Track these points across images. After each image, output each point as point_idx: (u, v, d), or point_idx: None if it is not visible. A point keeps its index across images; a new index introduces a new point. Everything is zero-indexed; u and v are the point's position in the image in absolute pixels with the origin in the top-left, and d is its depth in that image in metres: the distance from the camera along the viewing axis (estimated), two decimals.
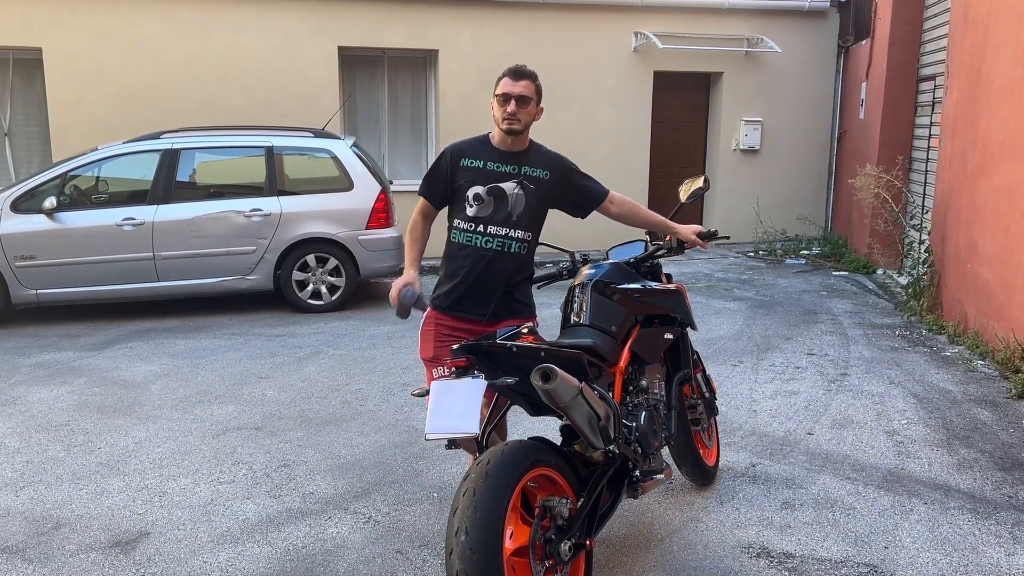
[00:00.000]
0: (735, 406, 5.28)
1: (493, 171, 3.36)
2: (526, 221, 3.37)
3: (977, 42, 6.85)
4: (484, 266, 3.33)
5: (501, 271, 3.34)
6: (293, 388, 5.76)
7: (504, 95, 3.29)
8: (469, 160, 3.37)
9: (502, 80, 3.33)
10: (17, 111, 10.39)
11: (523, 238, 3.37)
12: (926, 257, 7.70)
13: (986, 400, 5.35)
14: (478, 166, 3.36)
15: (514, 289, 3.39)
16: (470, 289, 3.35)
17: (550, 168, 3.43)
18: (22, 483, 4.27)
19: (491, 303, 3.35)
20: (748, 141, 11.79)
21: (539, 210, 3.42)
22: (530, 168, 3.38)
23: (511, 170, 3.36)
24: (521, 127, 3.32)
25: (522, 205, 3.36)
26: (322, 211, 8.08)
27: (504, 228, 3.33)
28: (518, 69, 3.34)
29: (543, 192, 3.40)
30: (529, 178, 3.37)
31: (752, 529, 3.71)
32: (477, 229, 3.34)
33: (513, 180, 3.35)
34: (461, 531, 2.44)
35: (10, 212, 7.53)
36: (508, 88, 3.30)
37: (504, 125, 3.31)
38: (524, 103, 3.30)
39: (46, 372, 6.19)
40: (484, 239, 3.33)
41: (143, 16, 10.01)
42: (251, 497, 4.09)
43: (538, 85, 3.36)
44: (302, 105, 10.31)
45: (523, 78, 3.32)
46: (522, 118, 3.31)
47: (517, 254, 3.37)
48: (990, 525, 3.72)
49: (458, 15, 10.84)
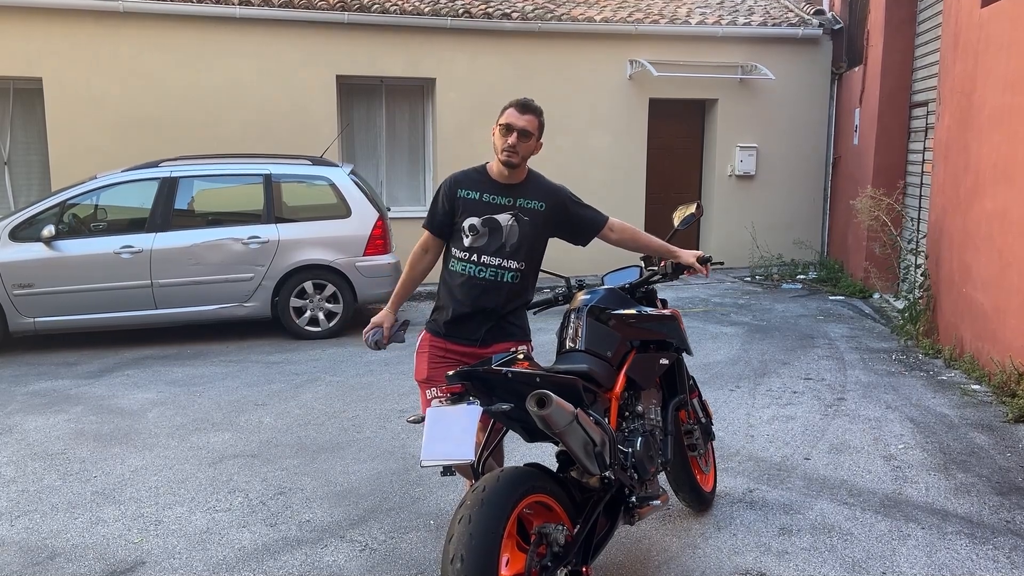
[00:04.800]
0: (732, 431, 5.28)
1: (489, 203, 3.40)
2: (521, 252, 3.40)
3: (968, 69, 6.94)
4: (478, 295, 3.36)
5: (495, 300, 3.38)
6: (290, 415, 5.76)
7: (507, 126, 3.33)
8: (466, 192, 3.41)
9: (507, 111, 3.37)
10: (17, 140, 10.45)
11: (517, 268, 3.40)
12: (922, 281, 7.73)
13: (983, 424, 5.35)
14: (475, 198, 3.40)
15: (509, 315, 3.42)
16: (464, 316, 3.38)
17: (546, 199, 3.46)
18: (17, 512, 4.25)
19: (483, 329, 3.38)
20: (743, 167, 11.87)
21: (535, 241, 3.45)
22: (525, 200, 3.42)
23: (507, 202, 3.40)
24: (519, 160, 3.36)
25: (516, 236, 3.39)
26: (320, 238, 8.12)
27: (498, 258, 3.37)
28: (525, 103, 3.38)
29: (539, 223, 3.43)
30: (524, 210, 3.41)
31: (750, 555, 3.69)
32: (471, 259, 3.38)
33: (508, 212, 3.39)
34: (457, 558, 2.44)
35: (9, 240, 7.55)
36: (512, 120, 3.34)
37: (503, 156, 3.34)
38: (525, 137, 3.33)
39: (43, 400, 6.18)
40: (478, 268, 3.37)
41: (142, 46, 10.10)
42: (247, 525, 4.07)
43: (541, 121, 3.41)
44: (300, 133, 10.38)
45: (528, 112, 3.36)
46: (521, 151, 3.34)
47: (511, 283, 3.40)
48: (988, 550, 3.71)
49: (455, 44, 10.96)
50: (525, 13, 11.12)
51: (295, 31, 10.50)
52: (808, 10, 12.11)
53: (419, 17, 10.71)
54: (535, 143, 3.40)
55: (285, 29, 10.46)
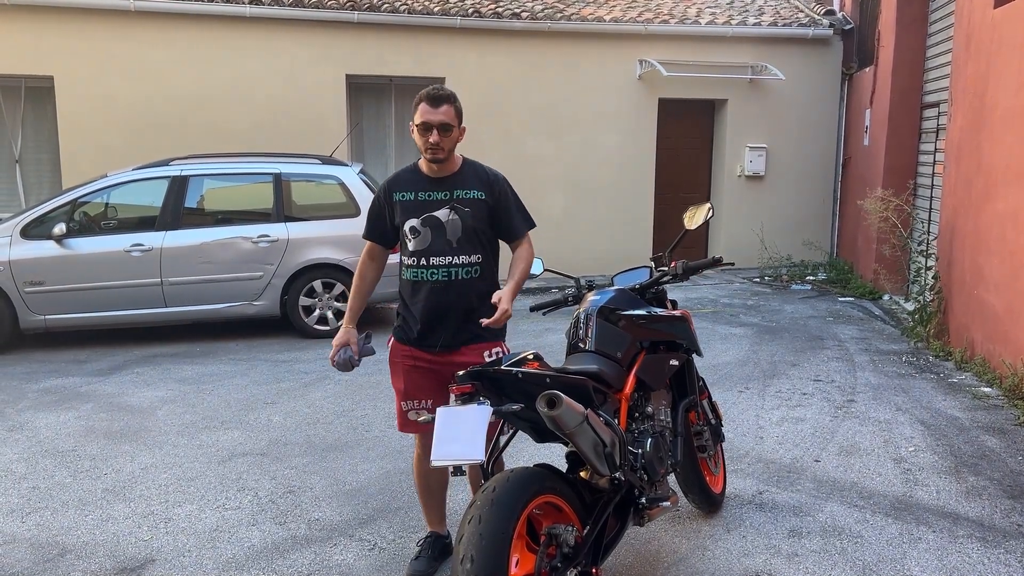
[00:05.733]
0: (741, 432, 5.26)
1: (425, 200, 3.27)
2: (470, 245, 3.27)
3: (980, 69, 6.90)
4: (436, 299, 3.25)
5: (454, 300, 3.26)
6: (299, 414, 5.77)
7: (424, 124, 3.17)
8: (400, 194, 3.30)
9: (420, 107, 3.19)
10: (28, 138, 10.51)
11: (470, 262, 3.28)
12: (933, 283, 7.70)
13: (994, 427, 5.32)
14: (410, 199, 3.28)
15: (474, 313, 3.25)
16: (424, 322, 3.28)
17: (486, 188, 3.32)
18: (28, 509, 4.27)
19: (449, 333, 3.27)
20: (753, 167, 11.84)
21: (482, 230, 3.30)
22: (462, 191, 3.29)
23: (443, 196, 3.27)
24: (445, 155, 3.23)
25: (460, 229, 3.25)
26: (329, 237, 8.13)
27: (446, 257, 3.25)
28: (436, 95, 3.19)
29: (482, 212, 3.29)
30: (462, 201, 3.27)
31: (759, 557, 3.68)
32: (421, 263, 3.27)
33: (446, 206, 3.26)
34: (467, 559, 2.43)
35: (20, 238, 7.59)
36: (428, 116, 3.16)
37: (428, 156, 3.22)
38: (446, 131, 3.19)
39: (53, 397, 6.21)
40: (429, 272, 3.26)
41: (152, 44, 10.15)
42: (256, 524, 4.08)
43: (458, 107, 3.23)
44: (310, 132, 10.40)
45: (442, 103, 3.18)
46: (445, 146, 3.20)
47: (468, 279, 3.28)
48: (999, 554, 3.69)
49: (464, 43, 10.96)
50: (535, 12, 11.11)
51: (305, 30, 10.52)
52: (818, 10, 12.06)
53: (429, 16, 10.72)
54: (458, 132, 3.25)
55: (295, 28, 10.49)
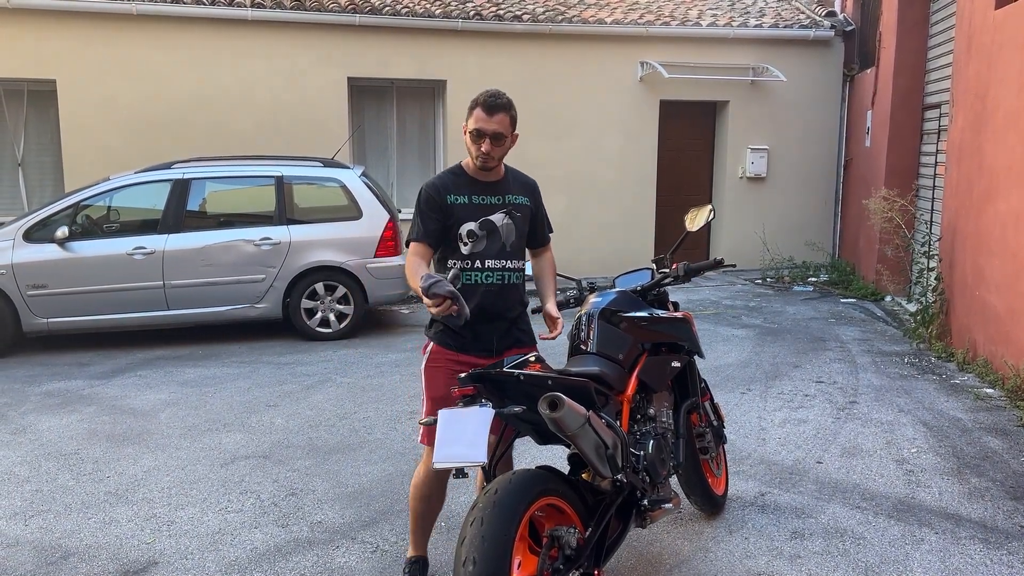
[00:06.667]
0: (744, 434, 5.26)
1: (480, 204, 3.25)
2: (518, 250, 3.33)
3: (982, 71, 6.90)
4: (490, 301, 3.23)
5: (503, 304, 3.28)
6: (301, 416, 5.77)
7: (477, 131, 3.14)
8: (454, 197, 3.24)
9: (475, 112, 3.15)
10: (31, 141, 10.52)
11: (518, 267, 3.33)
12: (935, 284, 7.69)
13: (996, 428, 5.32)
14: (464, 202, 3.24)
15: (517, 319, 3.34)
16: (474, 327, 3.20)
17: (529, 195, 3.39)
18: (31, 512, 4.28)
19: (497, 336, 3.26)
20: (754, 169, 11.84)
21: (524, 236, 3.38)
22: (513, 196, 3.32)
23: (497, 201, 3.28)
24: (496, 163, 3.24)
25: (513, 235, 3.30)
26: (331, 240, 8.14)
27: (501, 260, 3.26)
28: (494, 102, 3.14)
29: (527, 219, 3.36)
30: (515, 206, 3.31)
31: (762, 559, 3.68)
32: (475, 266, 3.23)
33: (501, 211, 3.28)
34: (469, 561, 2.44)
35: (23, 241, 7.60)
36: (482, 124, 3.13)
37: (479, 163, 3.21)
38: (499, 141, 3.15)
39: (56, 400, 6.21)
40: (484, 275, 3.24)
41: (154, 47, 10.16)
42: (259, 526, 4.08)
43: (513, 115, 3.19)
44: (311, 134, 10.41)
45: (497, 111, 3.13)
46: (496, 155, 3.19)
47: (516, 284, 3.32)
48: (1002, 555, 3.69)
49: (466, 46, 10.97)
50: (536, 15, 11.12)
51: (306, 33, 10.53)
52: (820, 12, 12.07)
53: (430, 19, 10.72)
54: (511, 140, 3.22)
55: (296, 31, 10.50)
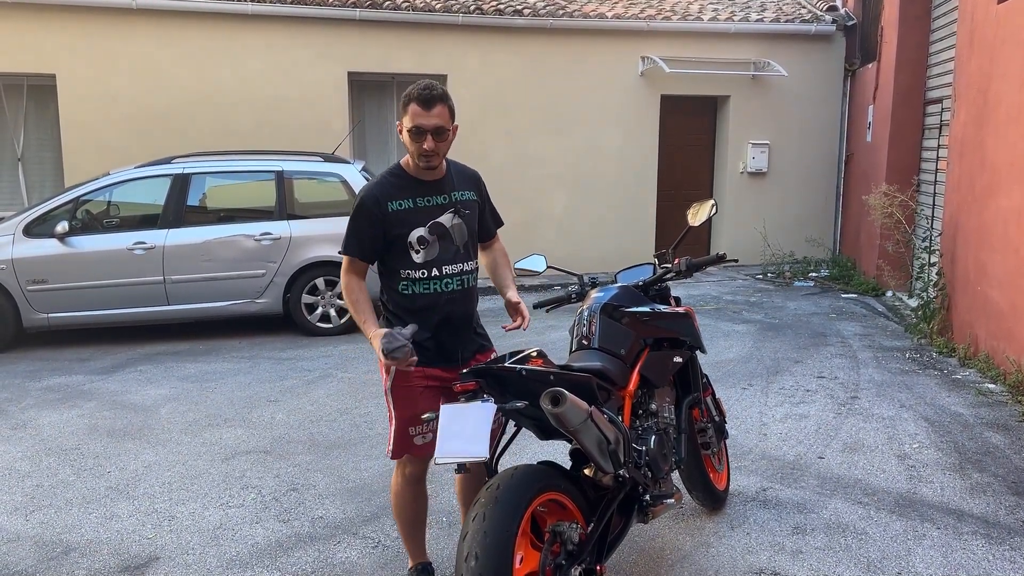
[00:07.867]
0: (745, 429, 5.26)
1: (425, 207, 3.01)
2: (472, 249, 3.15)
3: (984, 66, 6.88)
4: (450, 310, 3.06)
5: (467, 311, 3.14)
6: (302, 411, 5.77)
7: (417, 129, 2.87)
8: (396, 203, 2.97)
9: (410, 108, 2.87)
10: (31, 136, 10.51)
11: (474, 268, 3.15)
12: (937, 279, 7.68)
13: (998, 423, 5.31)
14: (408, 207, 2.99)
15: (476, 324, 3.22)
16: (437, 338, 3.06)
17: (474, 188, 3.18)
18: (32, 507, 4.27)
19: (458, 346, 3.11)
20: (755, 164, 11.82)
21: (475, 232, 3.18)
22: (459, 193, 3.09)
23: (443, 200, 3.04)
24: (440, 161, 3.00)
25: (465, 234, 3.09)
26: (332, 235, 8.09)
27: (458, 264, 3.07)
28: (428, 95, 2.86)
29: (475, 214, 3.15)
30: (462, 203, 3.09)
31: (763, 554, 3.68)
32: (432, 274, 3.02)
33: (448, 211, 3.05)
34: (471, 556, 2.43)
35: (23, 237, 7.59)
36: (421, 120, 2.86)
37: (422, 163, 2.95)
38: (441, 135, 2.90)
39: (56, 396, 6.21)
40: (443, 282, 3.04)
41: (155, 42, 10.14)
42: (260, 521, 4.08)
43: (451, 105, 2.93)
44: (312, 129, 10.40)
45: (435, 104, 2.87)
46: (441, 151, 2.95)
47: (474, 286, 3.16)
48: (1004, 550, 3.68)
49: (466, 40, 10.95)
50: (536, 9, 11.09)
51: (307, 27, 10.51)
52: (821, 6, 12.03)
53: (431, 14, 10.70)
54: (452, 133, 2.95)
55: (297, 26, 10.48)
